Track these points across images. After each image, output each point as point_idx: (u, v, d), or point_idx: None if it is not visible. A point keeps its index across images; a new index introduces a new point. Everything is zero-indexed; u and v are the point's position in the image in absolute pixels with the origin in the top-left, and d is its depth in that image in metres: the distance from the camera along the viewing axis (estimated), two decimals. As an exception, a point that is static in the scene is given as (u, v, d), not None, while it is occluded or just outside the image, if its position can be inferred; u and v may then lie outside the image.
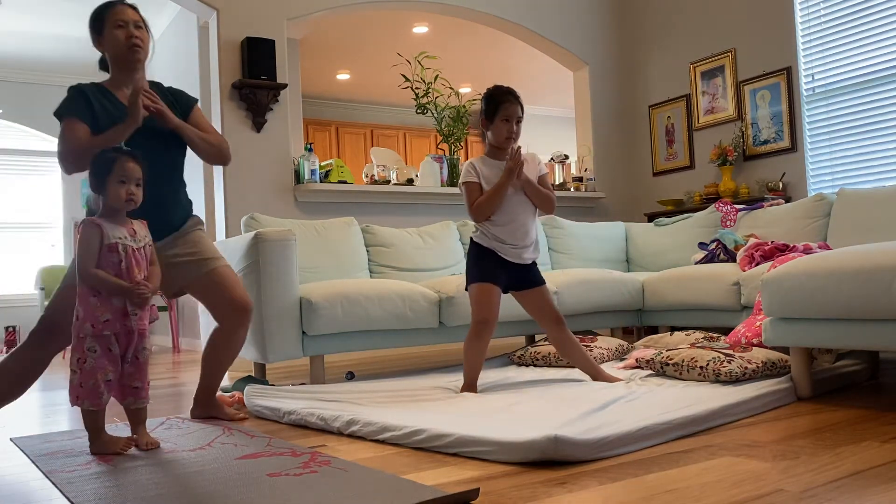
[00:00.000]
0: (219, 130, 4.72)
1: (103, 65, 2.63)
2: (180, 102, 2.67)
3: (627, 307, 4.24)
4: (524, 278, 2.97)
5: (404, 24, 7.12)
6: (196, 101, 2.73)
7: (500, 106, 2.88)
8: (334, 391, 2.86)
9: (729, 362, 2.70)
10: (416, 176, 5.45)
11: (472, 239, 2.99)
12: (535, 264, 3.01)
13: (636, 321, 4.37)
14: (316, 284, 3.48)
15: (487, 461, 1.86)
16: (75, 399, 2.13)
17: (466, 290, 2.98)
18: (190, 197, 2.71)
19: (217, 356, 2.66)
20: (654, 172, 6.19)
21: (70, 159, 2.38)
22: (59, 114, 2.43)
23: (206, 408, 2.68)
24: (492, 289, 2.91)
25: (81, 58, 7.83)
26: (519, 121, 2.90)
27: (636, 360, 3.20)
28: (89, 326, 2.10)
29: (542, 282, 3.01)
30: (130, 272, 2.15)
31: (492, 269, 2.91)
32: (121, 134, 2.35)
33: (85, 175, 2.29)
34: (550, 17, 6.10)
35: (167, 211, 2.56)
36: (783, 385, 2.57)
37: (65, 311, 2.33)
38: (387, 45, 7.47)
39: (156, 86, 2.64)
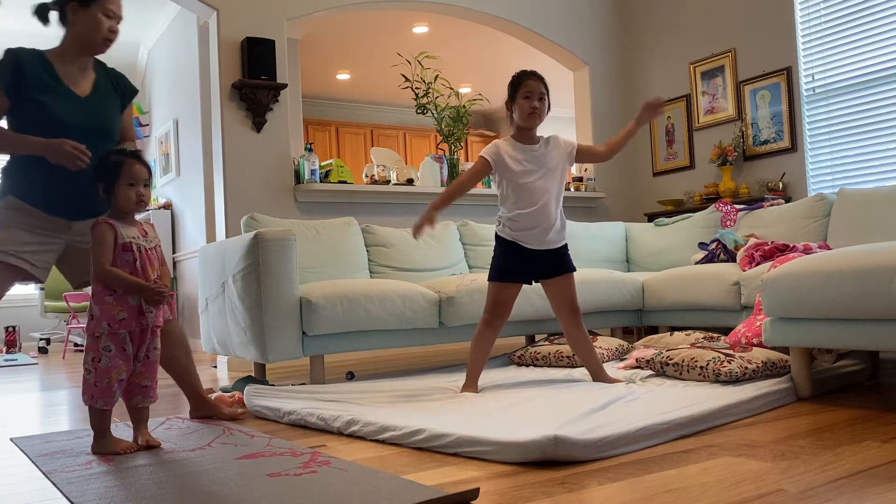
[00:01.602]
0: (218, 130, 4.73)
1: (41, 12, 2.45)
2: (123, 91, 2.58)
3: (627, 307, 4.25)
4: (553, 265, 2.93)
5: (404, 24, 7.12)
6: (136, 92, 2.65)
7: (522, 83, 2.88)
8: (334, 391, 2.86)
9: (729, 362, 2.70)
10: (416, 176, 5.45)
11: (496, 233, 2.98)
12: (566, 250, 2.97)
13: (636, 321, 4.37)
14: (316, 284, 3.48)
15: (487, 461, 1.86)
16: (90, 398, 2.14)
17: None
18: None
19: (170, 355, 2.57)
20: (654, 172, 6.19)
21: None
22: None
23: (202, 408, 2.68)
24: (508, 288, 2.92)
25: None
26: (542, 98, 2.89)
27: (636, 360, 3.20)
28: (106, 325, 2.11)
29: (572, 269, 2.97)
30: (145, 271, 2.17)
31: (512, 267, 2.91)
32: (31, 150, 2.28)
33: None
34: (550, 17, 6.09)
35: (95, 198, 2.38)
36: (783, 385, 2.57)
37: None
38: (387, 45, 7.47)
39: (99, 65, 2.54)
